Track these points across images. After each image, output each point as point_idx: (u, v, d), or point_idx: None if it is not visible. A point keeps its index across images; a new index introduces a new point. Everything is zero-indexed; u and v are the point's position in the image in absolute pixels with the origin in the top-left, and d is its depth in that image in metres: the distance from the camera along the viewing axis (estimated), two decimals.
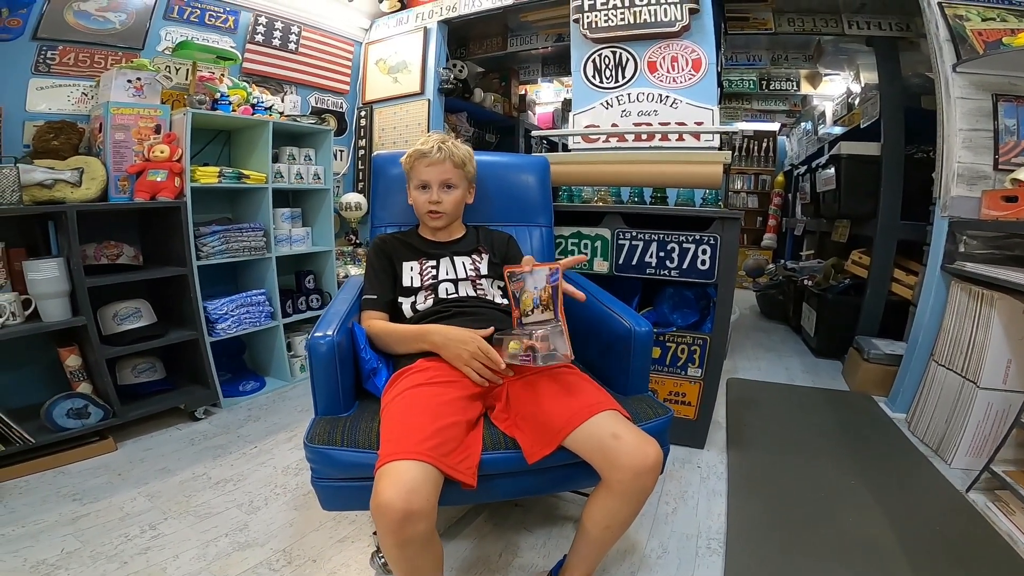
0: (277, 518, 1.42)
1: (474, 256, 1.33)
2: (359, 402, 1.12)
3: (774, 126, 6.01)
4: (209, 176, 2.03)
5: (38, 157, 1.79)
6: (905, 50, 2.79)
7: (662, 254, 1.70)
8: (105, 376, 1.76)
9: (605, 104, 2.29)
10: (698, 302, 1.82)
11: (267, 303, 2.26)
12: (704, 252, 1.62)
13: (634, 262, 1.75)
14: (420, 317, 1.21)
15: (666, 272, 1.71)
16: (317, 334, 1.02)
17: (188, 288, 1.93)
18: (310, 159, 2.50)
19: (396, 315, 1.25)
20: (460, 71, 3.25)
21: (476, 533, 1.38)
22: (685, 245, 1.65)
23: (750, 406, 2.24)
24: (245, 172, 2.15)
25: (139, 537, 1.32)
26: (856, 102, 3.25)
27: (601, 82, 2.32)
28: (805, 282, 3.22)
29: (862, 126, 3.02)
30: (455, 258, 1.31)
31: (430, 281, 1.27)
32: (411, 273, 1.28)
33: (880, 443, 1.92)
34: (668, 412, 1.09)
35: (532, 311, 1.02)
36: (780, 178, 5.52)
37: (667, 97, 2.19)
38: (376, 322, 1.18)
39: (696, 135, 2.08)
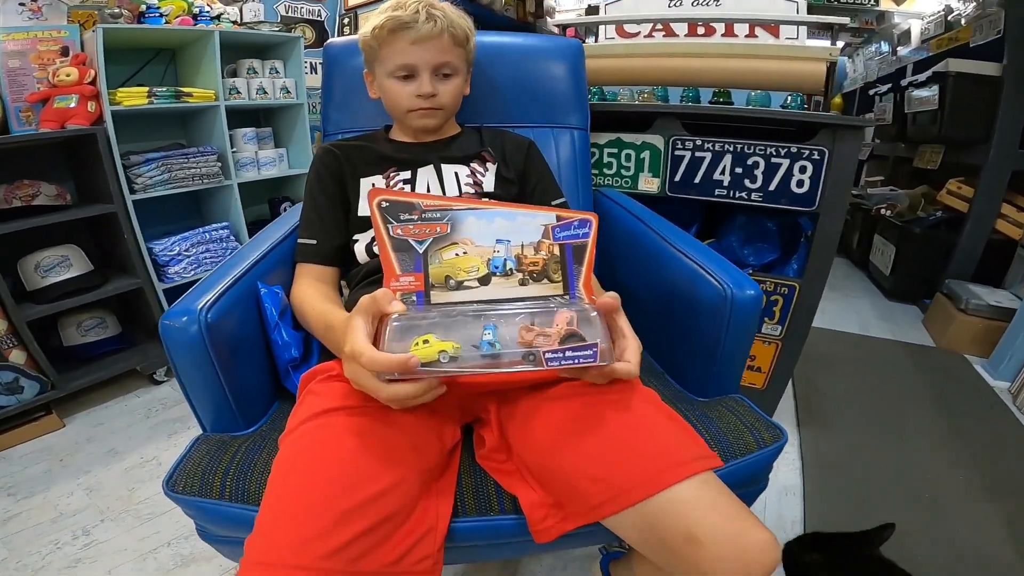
0: None
1: (474, 164, 0.85)
2: (279, 404, 0.71)
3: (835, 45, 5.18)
4: (135, 97, 1.61)
5: None
6: None
7: (739, 170, 1.19)
8: (31, 341, 1.43)
9: None
10: (781, 235, 1.34)
11: (232, 238, 1.89)
12: (803, 170, 1.13)
13: (697, 180, 1.25)
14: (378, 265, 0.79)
15: (744, 195, 1.21)
16: (176, 308, 0.59)
17: (121, 228, 1.55)
18: (277, 72, 2.04)
19: (349, 264, 0.81)
20: None
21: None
22: (775, 159, 1.14)
23: (821, 364, 1.83)
24: (185, 90, 1.71)
25: (70, 545, 1.10)
26: (962, 20, 2.61)
27: None
28: (882, 211, 2.70)
29: (971, 45, 2.42)
30: (443, 167, 0.83)
31: None
32: None
33: (986, 421, 1.53)
34: (781, 436, 0.65)
35: (485, 279, 0.53)
36: (838, 99, 4.86)
37: None
38: (300, 289, 0.74)
39: (774, 29, 1.51)
